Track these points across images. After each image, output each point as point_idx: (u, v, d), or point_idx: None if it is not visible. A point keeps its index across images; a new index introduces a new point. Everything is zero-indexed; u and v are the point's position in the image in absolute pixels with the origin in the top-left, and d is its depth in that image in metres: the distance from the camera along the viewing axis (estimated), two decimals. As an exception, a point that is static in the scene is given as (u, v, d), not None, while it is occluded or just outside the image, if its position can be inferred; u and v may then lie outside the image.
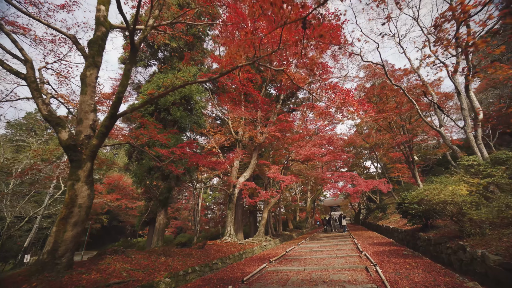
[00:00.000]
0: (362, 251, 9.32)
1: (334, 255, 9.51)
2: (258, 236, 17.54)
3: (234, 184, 15.32)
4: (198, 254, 9.36)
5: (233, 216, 15.23)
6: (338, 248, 11.36)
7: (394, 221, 16.01)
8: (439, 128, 11.17)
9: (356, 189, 13.94)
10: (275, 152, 21.83)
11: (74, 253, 5.54)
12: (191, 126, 12.46)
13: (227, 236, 14.14)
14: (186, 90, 12.34)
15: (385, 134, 25.03)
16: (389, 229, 14.84)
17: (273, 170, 15.86)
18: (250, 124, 17.24)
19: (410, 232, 10.36)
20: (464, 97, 10.27)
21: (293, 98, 25.94)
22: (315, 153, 14.81)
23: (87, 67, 5.88)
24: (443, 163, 30.09)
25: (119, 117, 5.92)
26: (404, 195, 10.04)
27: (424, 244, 8.57)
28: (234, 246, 12.38)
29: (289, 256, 10.36)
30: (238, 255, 10.82)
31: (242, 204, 23.62)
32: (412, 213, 9.20)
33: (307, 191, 40.04)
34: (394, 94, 18.47)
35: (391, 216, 18.30)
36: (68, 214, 5.21)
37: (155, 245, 10.32)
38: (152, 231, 16.11)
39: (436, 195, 6.55)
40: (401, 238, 11.89)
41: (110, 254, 6.99)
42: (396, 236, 13.12)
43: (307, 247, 12.90)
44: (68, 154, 5.41)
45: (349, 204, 52.62)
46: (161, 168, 10.24)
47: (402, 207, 9.86)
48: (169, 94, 12.29)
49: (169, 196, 11.41)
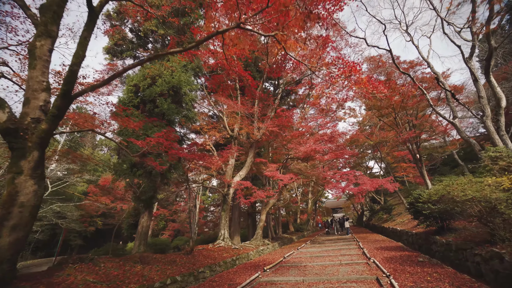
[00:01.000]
0: (369, 257, 8.19)
1: (337, 261, 8.39)
2: (255, 240, 16.41)
3: (228, 184, 14.24)
4: (183, 261, 8.26)
5: (228, 218, 14.13)
6: (342, 253, 10.22)
7: (402, 223, 14.85)
8: (453, 120, 10.07)
9: (360, 188, 12.81)
10: (274, 151, 20.75)
11: (16, 264, 4.47)
12: (180, 120, 11.41)
13: (220, 240, 13.02)
14: (175, 80, 11.32)
15: (389, 132, 23.92)
16: (397, 231, 13.68)
17: (271, 169, 14.77)
18: (247, 119, 16.20)
19: (423, 235, 9.22)
20: (482, 84, 9.19)
21: (292, 95, 24.93)
22: (315, 149, 13.71)
23: (38, 37, 4.85)
24: (449, 162, 28.92)
25: (76, 97, 4.88)
26: (417, 193, 8.93)
27: (442, 249, 7.44)
28: (227, 251, 11.26)
29: (287, 263, 9.24)
30: (230, 262, 9.71)
31: (240, 206, 22.51)
32: (426, 214, 8.08)
33: (308, 192, 38.86)
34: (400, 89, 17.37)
35: (397, 218, 17.14)
36: (4, 216, 4.14)
37: (136, 250, 9.27)
38: (141, 235, 15.02)
39: (461, 191, 5.45)
40: (412, 241, 10.74)
41: (73, 263, 5.91)
42: (405, 240, 11.97)
43: (308, 252, 11.76)
44: (6, 140, 4.37)
45: (351, 205, 51.34)
46: (144, 165, 9.21)
47: (414, 207, 8.74)
48: (155, 85, 11.27)
49: (154, 195, 10.35)
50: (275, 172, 14.14)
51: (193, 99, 12.44)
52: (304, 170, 18.68)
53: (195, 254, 9.51)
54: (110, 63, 13.10)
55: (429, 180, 17.01)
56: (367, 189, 12.98)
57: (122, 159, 9.81)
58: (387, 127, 24.15)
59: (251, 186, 13.65)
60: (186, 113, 11.77)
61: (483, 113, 8.96)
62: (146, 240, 9.91)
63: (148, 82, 11.29)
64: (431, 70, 11.63)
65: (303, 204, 43.86)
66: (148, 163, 7.74)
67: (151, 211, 10.43)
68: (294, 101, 24.88)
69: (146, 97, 11.00)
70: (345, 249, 11.52)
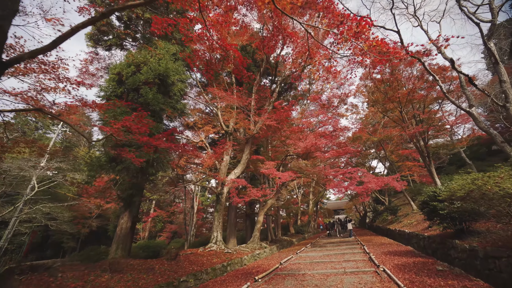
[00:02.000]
0: (378, 264, 7.09)
1: (341, 269, 7.30)
2: (252, 243, 15.33)
3: (222, 182, 13.20)
4: (163, 268, 7.20)
5: (221, 219, 13.06)
6: (345, 259, 9.12)
7: (410, 225, 13.72)
8: (470, 109, 8.98)
9: (365, 186, 11.71)
10: (273, 148, 19.71)
11: None
12: (167, 111, 10.38)
13: (212, 243, 11.95)
14: (161, 68, 10.31)
15: (394, 129, 22.83)
16: (405, 234, 12.55)
17: (268, 166, 13.70)
18: (243, 113, 15.17)
19: (437, 239, 8.11)
20: (503, 68, 8.11)
21: (292, 91, 23.89)
22: (316, 144, 12.63)
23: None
24: (455, 161, 27.76)
25: (10, 65, 3.86)
26: (431, 190, 7.83)
27: (464, 256, 6.33)
28: (218, 255, 10.19)
29: (283, 270, 8.15)
30: (220, 268, 8.63)
31: (236, 206, 21.45)
32: (444, 214, 6.99)
33: (309, 193, 37.78)
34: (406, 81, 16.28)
35: (404, 219, 15.99)
36: None
37: (113, 255, 8.24)
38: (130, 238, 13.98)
39: (495, 185, 4.37)
40: (424, 246, 9.62)
41: (20, 274, 4.87)
42: (415, 243, 10.84)
43: (308, 257, 10.67)
44: None
45: (353, 207, 50.09)
46: (123, 159, 8.20)
47: (428, 206, 7.65)
48: (140, 72, 10.27)
49: (134, 194, 9.31)
50: (272, 170, 13.08)
51: (182, 89, 11.42)
52: (304, 169, 17.61)
53: (180, 260, 8.45)
54: (93, 51, 12.17)
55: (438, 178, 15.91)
56: (372, 187, 11.89)
57: (101, 153, 8.80)
58: (391, 124, 23.08)
59: (246, 185, 12.61)
60: (174, 104, 10.74)
61: (506, 99, 7.88)
62: (126, 244, 8.86)
63: (132, 69, 10.30)
64: (443, 56, 10.55)
65: (304, 206, 42.69)
66: (123, 155, 6.74)
67: (132, 211, 9.40)
68: (294, 97, 23.86)
69: (129, 85, 10.01)
70: (349, 254, 10.41)
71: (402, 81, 16.49)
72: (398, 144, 24.48)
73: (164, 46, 11.77)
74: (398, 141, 23.93)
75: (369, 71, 16.01)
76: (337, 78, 20.14)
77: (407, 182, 27.36)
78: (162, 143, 6.51)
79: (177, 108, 10.92)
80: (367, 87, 19.46)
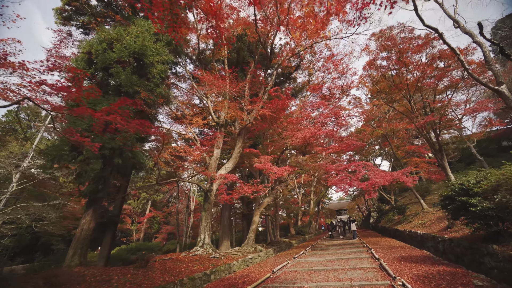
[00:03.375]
0: (394, 275, 5.63)
1: (347, 281, 5.85)
2: (246, 245, 13.90)
3: (211, 178, 11.78)
4: (124, 279, 5.79)
5: (209, 219, 11.64)
6: (351, 266, 7.66)
7: (422, 225, 12.23)
8: (500, 87, 7.51)
9: (372, 181, 10.23)
10: (271, 143, 18.27)
11: None
12: (149, 98, 8.92)
13: (198, 247, 10.52)
14: (137, 45, 8.95)
15: (400, 124, 21.33)
16: (417, 236, 11.08)
17: (263, 160, 12.28)
18: (235, 103, 13.76)
19: (464, 243, 6.64)
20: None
21: (290, 82, 22.46)
22: (316, 134, 11.18)
23: None
24: (463, 159, 26.24)
25: None
26: (458, 182, 6.35)
27: (508, 266, 4.87)
28: (202, 261, 8.76)
29: (275, 281, 6.70)
30: (200, 278, 7.20)
31: (231, 205, 20.02)
32: (476, 212, 5.53)
33: (310, 192, 36.34)
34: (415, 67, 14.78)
35: (414, 219, 14.47)
36: None
37: (68, 263, 6.83)
38: (109, 241, 12.62)
39: None
40: (443, 250, 8.16)
41: None
42: (430, 247, 9.37)
43: (306, 263, 9.21)
44: None
45: (356, 206, 48.48)
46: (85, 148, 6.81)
47: (455, 201, 6.17)
48: (111, 50, 8.90)
49: (99, 189, 7.90)
50: (267, 164, 11.64)
51: (163, 71, 9.99)
52: (303, 164, 16.16)
53: (152, 267, 7.03)
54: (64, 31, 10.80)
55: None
56: (380, 182, 10.42)
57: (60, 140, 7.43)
58: (396, 118, 21.60)
59: (237, 180, 11.18)
60: (152, 88, 9.34)
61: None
62: (86, 249, 7.42)
63: (104, 47, 8.92)
64: (461, 29, 9.04)
65: (305, 206, 41.18)
66: (71, 139, 5.32)
67: (96, 209, 7.99)
68: (293, 89, 22.43)
69: (99, 64, 8.63)
70: (355, 259, 8.95)
71: (410, 68, 15.00)
72: (405, 139, 22.96)
73: (145, 24, 10.39)
74: (405, 135, 22.42)
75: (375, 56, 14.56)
76: (339, 67, 18.73)
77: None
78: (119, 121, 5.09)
79: (156, 92, 9.51)
80: (371, 76, 17.99)
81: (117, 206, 13.78)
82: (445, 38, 8.48)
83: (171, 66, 17.49)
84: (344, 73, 17.73)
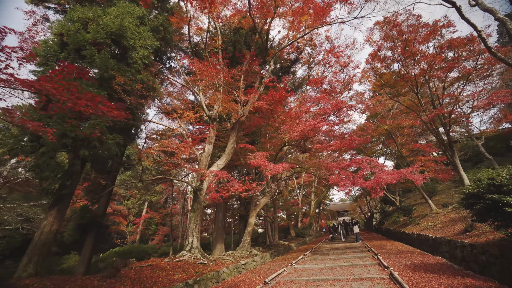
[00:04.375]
0: (409, 290, 4.56)
1: (352, 296, 4.79)
2: (241, 249, 12.86)
3: (201, 175, 10.75)
4: (82, 294, 4.76)
5: (199, 221, 10.59)
6: (356, 275, 6.59)
7: (432, 228, 11.13)
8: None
9: (379, 178, 9.15)
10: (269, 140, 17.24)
11: None
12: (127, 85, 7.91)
13: (185, 251, 9.48)
14: (115, 25, 7.99)
15: (404, 120, 20.27)
16: (428, 239, 9.99)
17: (258, 156, 11.25)
18: (229, 95, 12.77)
19: (493, 250, 5.56)
20: None
21: (289, 76, 21.44)
22: (315, 127, 10.15)
23: None
24: (471, 158, 25.09)
25: None
26: (486, 177, 5.27)
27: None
28: (186, 268, 7.71)
29: (268, 293, 5.66)
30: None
31: (225, 205, 18.98)
32: None
33: (311, 193, 35.25)
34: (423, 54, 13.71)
35: (422, 221, 13.37)
36: None
37: (21, 272, 5.81)
38: (90, 244, 11.59)
39: None
40: (462, 257, 7.06)
41: None
42: (446, 252, 8.27)
43: (304, 270, 8.15)
44: None
45: (358, 208, 47.27)
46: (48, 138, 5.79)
47: (482, 200, 5.10)
48: (87, 32, 7.95)
49: (66, 184, 6.90)
50: (262, 160, 10.61)
51: (146, 56, 9.00)
52: (302, 161, 15.10)
53: (123, 277, 6.00)
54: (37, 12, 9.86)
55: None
56: (387, 180, 9.36)
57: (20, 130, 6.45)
58: (402, 112, 20.54)
59: (229, 178, 10.16)
60: (133, 73, 8.36)
61: None
62: (45, 256, 6.36)
63: (77, 27, 7.97)
64: (481, 7, 7.95)
65: (305, 207, 40.06)
66: (38, 129, 4.31)
67: (61, 209, 6.95)
68: (292, 84, 21.44)
69: (70, 46, 7.67)
70: (360, 266, 7.88)
71: (417, 58, 13.95)
72: (410, 137, 21.86)
73: (127, 6, 9.42)
74: (410, 132, 21.33)
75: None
76: (340, 60, 17.72)
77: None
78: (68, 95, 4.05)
79: (137, 79, 8.50)
80: (374, 69, 16.94)
81: (101, 206, 12.78)
82: (463, 13, 7.44)
83: (166, 60, 16.56)
84: (346, 65, 16.72)
